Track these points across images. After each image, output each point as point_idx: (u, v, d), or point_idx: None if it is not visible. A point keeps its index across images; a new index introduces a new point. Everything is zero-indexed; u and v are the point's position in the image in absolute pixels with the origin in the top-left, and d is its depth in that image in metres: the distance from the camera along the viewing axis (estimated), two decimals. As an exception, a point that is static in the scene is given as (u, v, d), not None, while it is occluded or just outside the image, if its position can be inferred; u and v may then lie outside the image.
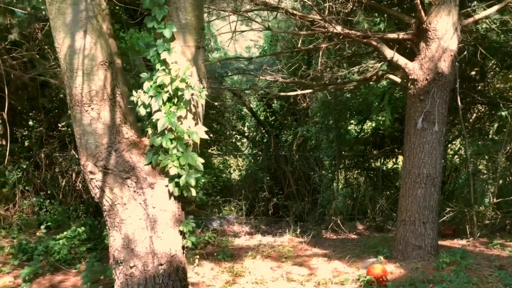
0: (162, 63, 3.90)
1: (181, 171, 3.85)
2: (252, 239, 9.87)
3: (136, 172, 3.86)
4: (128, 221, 3.88)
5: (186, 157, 3.85)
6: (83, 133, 3.81)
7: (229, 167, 13.48)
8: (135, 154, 3.89)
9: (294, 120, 13.02)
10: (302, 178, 12.81)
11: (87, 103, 3.73)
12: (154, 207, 3.90)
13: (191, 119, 4.02)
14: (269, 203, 12.07)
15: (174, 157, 3.84)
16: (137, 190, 3.86)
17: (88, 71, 3.70)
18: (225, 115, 13.09)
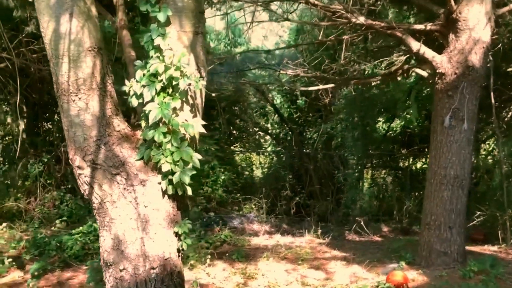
0: (156, 49, 3.56)
1: (174, 167, 3.50)
2: (270, 239, 9.50)
3: (126, 167, 3.53)
4: (118, 220, 3.56)
5: (181, 152, 3.51)
6: (71, 125, 3.50)
7: (251, 165, 13.11)
8: (126, 148, 3.57)
9: (319, 117, 12.56)
10: (326, 177, 12.37)
11: (74, 92, 3.43)
12: (146, 206, 3.57)
13: (188, 111, 3.67)
14: (291, 202, 11.67)
15: (167, 152, 3.50)
16: (127, 187, 3.54)
17: (75, 57, 3.39)
18: (248, 111, 12.73)
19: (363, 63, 7.57)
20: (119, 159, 3.52)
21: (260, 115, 13.35)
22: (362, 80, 7.98)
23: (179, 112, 3.63)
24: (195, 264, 6.97)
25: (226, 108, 12.03)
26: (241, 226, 10.69)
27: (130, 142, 3.61)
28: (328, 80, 8.33)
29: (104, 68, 3.54)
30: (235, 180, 11.62)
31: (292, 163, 12.72)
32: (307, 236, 9.73)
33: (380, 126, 13.67)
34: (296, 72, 8.48)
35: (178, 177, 3.51)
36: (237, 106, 12.76)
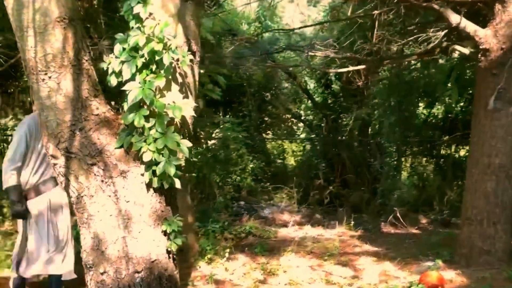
0: (137, 19, 3.03)
1: (158, 156, 2.97)
2: (299, 230, 8.91)
3: (104, 156, 3.03)
4: (97, 217, 3.08)
5: (166, 139, 2.97)
6: (42, 108, 3.03)
7: (283, 153, 12.50)
8: (105, 134, 3.07)
9: (354, 102, 11.78)
10: (361, 165, 11.61)
11: (43, 70, 2.94)
12: (128, 201, 3.06)
13: (176, 91, 3.12)
14: (324, 191, 11.01)
15: (150, 139, 2.98)
16: (105, 179, 3.04)
17: (41, 29, 2.90)
18: (280, 97, 12.10)
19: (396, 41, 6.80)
20: (96, 147, 3.03)
21: (292, 101, 12.68)
22: (396, 60, 7.23)
23: (166, 92, 3.09)
24: (214, 257, 6.48)
25: (256, 94, 11.45)
26: (271, 216, 10.15)
27: (110, 127, 3.11)
28: (360, 61, 7.62)
29: (78, 42, 3.03)
30: (265, 168, 11.04)
31: (326, 151, 12.02)
32: (339, 228, 9.09)
33: (420, 111, 12.74)
34: (326, 53, 7.79)
35: (162, 168, 2.97)
36: (268, 92, 12.14)
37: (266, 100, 12.23)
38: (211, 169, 9.90)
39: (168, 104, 3.01)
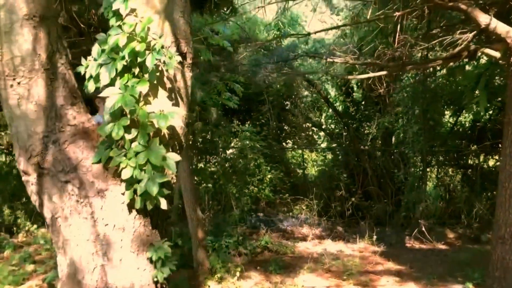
0: (118, 17, 2.62)
1: (139, 173, 2.54)
2: (319, 245, 8.40)
3: (79, 173, 2.61)
4: (73, 241, 2.66)
5: (148, 153, 2.54)
6: (11, 117, 2.64)
7: (302, 163, 11.97)
8: (82, 147, 2.65)
9: (377, 110, 11.20)
10: (384, 176, 11.00)
11: (10, 74, 2.55)
12: (106, 224, 2.64)
13: (164, 98, 2.69)
14: (346, 203, 10.44)
15: (130, 153, 2.55)
16: (80, 199, 2.62)
17: (7, 28, 2.51)
18: (299, 105, 11.61)
19: (419, 45, 6.25)
20: (70, 162, 2.61)
21: (313, 110, 12.16)
22: (420, 66, 6.69)
23: (151, 99, 2.67)
24: (225, 276, 6.02)
25: (275, 103, 10.99)
26: (290, 229, 9.65)
27: (89, 139, 2.69)
28: (381, 67, 7.09)
29: (52, 43, 2.63)
30: (284, 179, 10.54)
31: (348, 161, 11.44)
32: (360, 242, 8.54)
33: (445, 120, 12.07)
34: (345, 59, 7.30)
35: (144, 187, 2.54)
36: (288, 100, 11.67)
37: (285, 109, 11.75)
38: (228, 179, 9.47)
39: (153, 112, 2.58)
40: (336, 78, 11.16)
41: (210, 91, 9.60)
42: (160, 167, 2.57)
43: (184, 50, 2.72)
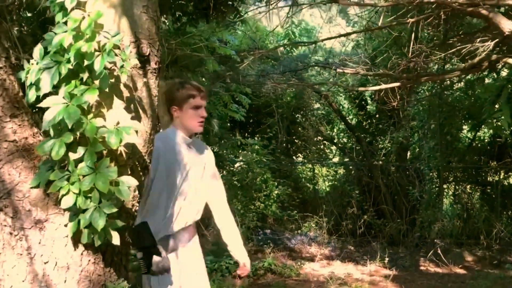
0: (64, 11, 2.15)
1: (84, 201, 2.05)
2: (327, 266, 7.83)
3: (13, 199, 2.13)
4: (7, 282, 2.17)
5: (95, 176, 2.05)
6: None
7: (312, 178, 11.41)
8: (20, 168, 2.16)
9: (391, 124, 10.61)
10: (399, 193, 10.37)
11: None
12: (46, 261, 2.14)
13: (120, 109, 2.20)
14: (358, 221, 9.83)
15: (74, 177, 2.06)
16: (14, 231, 2.13)
17: None
18: (310, 118, 11.08)
19: (435, 54, 5.69)
20: (4, 186, 2.13)
21: (324, 122, 11.62)
22: (436, 77, 6.14)
23: (105, 111, 2.18)
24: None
25: (284, 115, 10.48)
26: (297, 248, 9.09)
27: (30, 158, 2.21)
28: (394, 78, 6.54)
29: (-14, 43, 2.17)
30: (292, 194, 9.99)
31: (360, 177, 10.85)
32: (371, 264, 7.93)
33: (463, 135, 11.43)
34: (356, 70, 6.78)
35: (88, 218, 2.04)
36: (298, 113, 11.15)
37: (295, 122, 11.23)
38: (233, 195, 8.96)
39: (104, 127, 2.09)
40: (349, 91, 10.65)
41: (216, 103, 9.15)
42: (109, 194, 2.07)
43: (146, 52, 2.22)
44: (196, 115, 2.78)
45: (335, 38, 6.02)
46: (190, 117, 2.77)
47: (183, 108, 2.77)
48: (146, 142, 2.34)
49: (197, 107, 2.78)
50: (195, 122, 2.78)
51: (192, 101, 2.76)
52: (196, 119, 2.78)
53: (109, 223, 2.12)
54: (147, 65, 2.26)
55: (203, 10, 9.02)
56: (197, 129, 2.81)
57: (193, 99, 2.76)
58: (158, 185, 2.71)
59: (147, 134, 2.33)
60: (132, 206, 2.35)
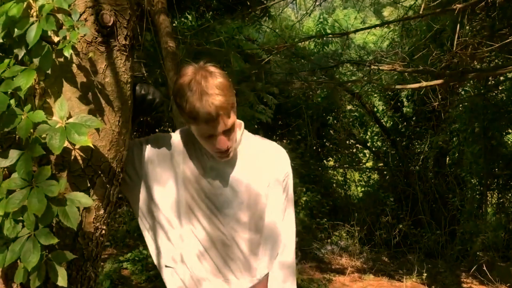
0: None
1: (12, 227, 1.44)
2: (358, 281, 7.08)
3: None
4: None
5: (27, 193, 1.44)
6: None
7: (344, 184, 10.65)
8: None
9: (430, 127, 9.77)
10: (437, 201, 9.52)
11: None
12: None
13: (74, 100, 1.59)
14: (392, 231, 9.02)
15: (0, 193, 1.45)
16: None
17: None
18: (342, 120, 10.34)
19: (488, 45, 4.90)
20: None
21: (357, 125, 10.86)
22: (485, 73, 5.34)
23: (51, 101, 1.57)
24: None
25: (314, 117, 9.78)
26: (327, 258, 8.37)
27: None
28: (436, 76, 5.78)
29: None
30: (322, 201, 9.27)
31: (395, 183, 10.04)
32: (407, 279, 7.14)
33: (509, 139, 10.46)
34: (393, 66, 6.05)
35: (17, 251, 1.43)
36: (329, 114, 10.43)
37: (326, 124, 10.50)
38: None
39: (45, 124, 1.48)
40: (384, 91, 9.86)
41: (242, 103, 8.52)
42: (49, 217, 1.45)
43: (108, 22, 1.59)
44: (208, 143, 1.75)
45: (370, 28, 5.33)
46: (202, 143, 1.78)
47: (190, 127, 1.80)
48: (113, 144, 1.71)
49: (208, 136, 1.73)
50: (210, 150, 1.78)
51: (197, 128, 1.73)
52: (211, 148, 1.76)
53: (54, 255, 1.51)
54: (112, 40, 1.64)
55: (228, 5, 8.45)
56: (217, 158, 1.81)
57: (196, 126, 1.72)
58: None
59: (114, 133, 1.70)
60: (95, 230, 1.73)
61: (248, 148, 1.91)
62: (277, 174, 1.91)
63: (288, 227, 1.94)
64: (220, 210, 1.81)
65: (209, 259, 1.84)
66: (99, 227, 1.75)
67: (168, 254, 1.90)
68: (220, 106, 1.63)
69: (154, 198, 1.88)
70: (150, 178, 1.88)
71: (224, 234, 1.81)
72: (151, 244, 1.95)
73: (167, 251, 1.89)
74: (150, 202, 1.89)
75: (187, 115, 1.68)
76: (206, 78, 1.67)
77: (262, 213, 1.88)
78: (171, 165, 1.88)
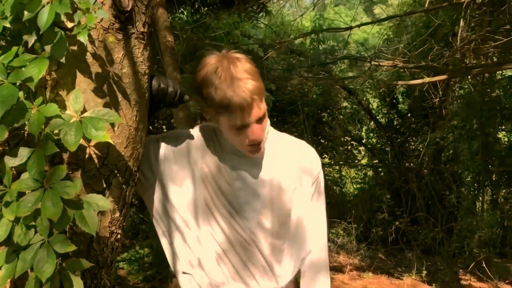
0: None
1: (23, 234, 1.30)
2: (358, 279, 7.00)
3: None
4: None
5: (40, 195, 1.29)
6: None
7: (340, 181, 10.56)
8: None
9: (425, 124, 9.70)
10: (433, 198, 9.46)
11: None
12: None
13: (88, 92, 1.45)
14: (389, 228, 8.94)
15: (11, 194, 1.30)
16: None
17: None
18: (338, 117, 10.24)
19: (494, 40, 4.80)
20: None
21: (353, 122, 10.76)
22: (488, 69, 5.25)
23: (63, 93, 1.42)
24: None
25: (310, 113, 9.66)
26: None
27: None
28: (438, 71, 5.68)
29: None
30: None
31: (391, 180, 9.96)
32: (407, 277, 7.06)
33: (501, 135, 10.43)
34: (394, 62, 5.94)
35: (30, 261, 1.28)
36: (325, 111, 10.31)
37: (322, 121, 10.38)
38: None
39: (59, 118, 1.33)
40: (379, 88, 9.77)
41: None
42: (65, 222, 1.30)
43: (127, 6, 1.44)
44: (240, 136, 1.60)
45: (374, 23, 5.21)
46: (231, 138, 1.64)
47: (218, 120, 1.62)
48: (130, 141, 1.56)
49: (241, 127, 1.56)
50: (240, 145, 1.63)
51: (229, 118, 1.56)
52: (242, 142, 1.61)
53: (68, 264, 1.36)
54: (130, 26, 1.49)
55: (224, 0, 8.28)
56: (247, 154, 1.66)
57: (229, 116, 1.55)
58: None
59: (131, 129, 1.56)
60: (110, 235, 1.58)
61: (274, 146, 1.77)
62: (307, 175, 1.77)
63: (319, 222, 1.81)
64: (239, 213, 1.67)
65: (228, 263, 1.70)
66: (115, 231, 1.61)
67: (185, 258, 1.76)
68: (254, 90, 1.51)
69: (169, 198, 1.74)
70: (166, 177, 1.74)
71: (243, 237, 1.68)
72: (167, 248, 1.81)
73: (184, 255, 1.75)
74: (166, 202, 1.75)
75: (217, 105, 1.53)
76: (234, 63, 1.53)
77: (287, 218, 1.74)
78: (188, 162, 1.74)
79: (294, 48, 8.64)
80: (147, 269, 6.47)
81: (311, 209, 1.78)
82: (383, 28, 10.28)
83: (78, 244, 1.42)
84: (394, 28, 8.76)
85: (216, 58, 1.57)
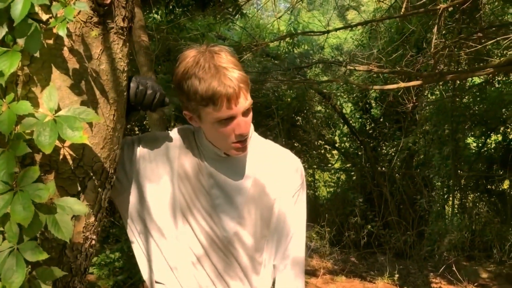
0: None
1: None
2: (331, 283, 6.99)
3: None
4: None
5: (10, 199, 1.19)
6: None
7: (313, 184, 10.58)
8: None
9: (397, 129, 9.82)
10: (405, 202, 9.58)
11: None
12: None
13: (64, 89, 1.36)
14: (361, 231, 9.00)
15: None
16: None
17: None
18: (312, 121, 10.26)
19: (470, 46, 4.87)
20: None
21: (326, 126, 10.80)
22: (464, 75, 5.33)
23: (37, 90, 1.33)
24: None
25: (285, 117, 9.65)
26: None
27: None
28: (413, 76, 5.74)
29: None
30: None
31: (364, 184, 10.04)
32: (379, 281, 7.10)
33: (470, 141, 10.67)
34: (369, 67, 5.97)
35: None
36: (299, 115, 10.33)
37: (296, 124, 10.40)
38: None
39: (32, 117, 1.23)
40: (352, 92, 9.85)
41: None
42: (36, 227, 1.21)
43: (106, 0, 1.37)
44: (225, 132, 1.48)
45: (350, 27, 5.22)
46: (215, 136, 1.54)
47: (201, 116, 1.50)
48: (107, 141, 1.48)
49: (227, 119, 1.46)
50: (225, 142, 1.53)
51: (214, 110, 1.45)
52: (227, 139, 1.50)
53: (39, 273, 1.27)
54: (109, 21, 1.40)
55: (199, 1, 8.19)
56: (232, 153, 1.56)
57: (214, 107, 1.44)
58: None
59: (108, 129, 1.47)
60: (84, 241, 1.49)
61: (257, 152, 1.68)
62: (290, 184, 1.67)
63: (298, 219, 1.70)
64: (216, 223, 1.59)
65: (207, 263, 1.62)
66: (89, 237, 1.51)
67: (158, 267, 1.67)
68: (240, 78, 1.42)
69: (146, 200, 1.64)
70: (142, 176, 1.64)
71: (220, 248, 1.60)
72: (140, 256, 1.71)
73: (158, 263, 1.67)
74: (141, 207, 1.66)
75: (201, 97, 1.42)
76: (217, 53, 1.43)
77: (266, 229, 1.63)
78: (167, 160, 1.65)
79: (269, 52, 8.61)
80: (118, 274, 6.31)
81: (291, 217, 1.71)
82: (357, 33, 10.38)
83: (49, 251, 1.33)
84: (367, 34, 8.86)
85: (196, 51, 1.48)
